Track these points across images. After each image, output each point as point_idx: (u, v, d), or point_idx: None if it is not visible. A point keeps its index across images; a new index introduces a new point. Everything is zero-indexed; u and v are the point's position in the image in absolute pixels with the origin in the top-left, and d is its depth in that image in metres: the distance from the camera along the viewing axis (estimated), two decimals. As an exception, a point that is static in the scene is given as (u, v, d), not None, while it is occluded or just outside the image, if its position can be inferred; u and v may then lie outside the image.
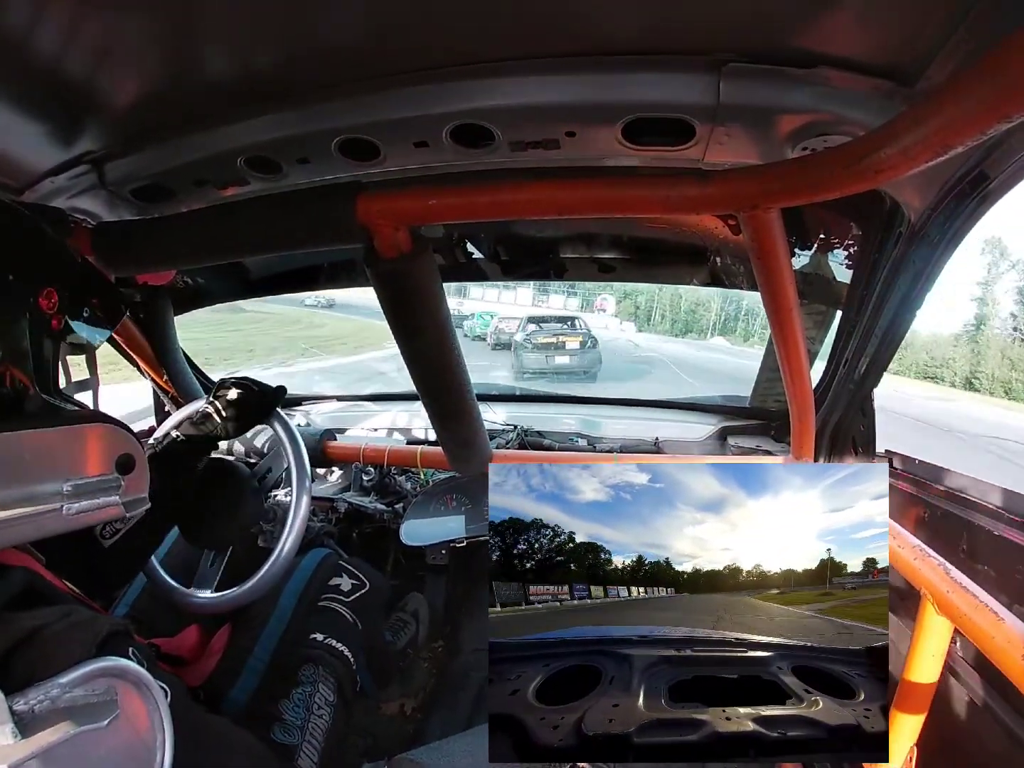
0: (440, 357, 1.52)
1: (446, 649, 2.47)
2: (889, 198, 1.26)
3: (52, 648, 0.74)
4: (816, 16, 0.83)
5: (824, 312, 1.91)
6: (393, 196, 1.19)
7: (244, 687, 1.44)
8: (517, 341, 17.87)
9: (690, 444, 2.38)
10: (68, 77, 1.00)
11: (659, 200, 1.07)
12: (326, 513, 2.28)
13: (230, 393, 1.60)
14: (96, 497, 0.97)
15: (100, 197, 1.40)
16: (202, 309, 2.45)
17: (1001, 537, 1.22)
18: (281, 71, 1.05)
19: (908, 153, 0.80)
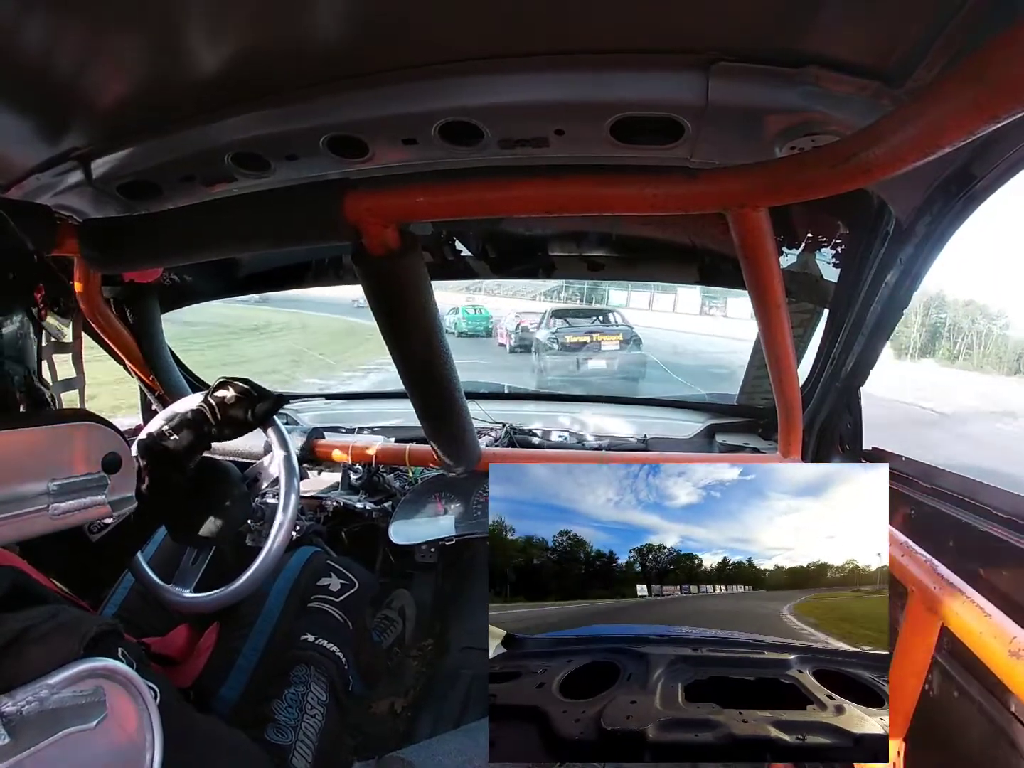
0: (428, 355, 1.52)
1: (435, 648, 2.47)
2: (876, 197, 1.27)
3: (40, 649, 0.74)
4: (805, 16, 0.83)
5: (811, 310, 1.92)
6: (381, 194, 1.19)
7: (234, 686, 1.43)
8: (539, 340, 15.24)
9: (678, 442, 2.39)
10: (53, 73, 0.99)
11: (648, 199, 1.07)
12: (314, 512, 2.27)
13: (228, 396, 1.55)
14: (82, 496, 0.96)
15: (86, 194, 1.39)
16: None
17: (988, 534, 1.23)
18: (268, 68, 1.04)
19: (895, 153, 0.80)
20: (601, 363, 13.94)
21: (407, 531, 1.99)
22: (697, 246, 1.96)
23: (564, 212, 1.15)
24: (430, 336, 1.48)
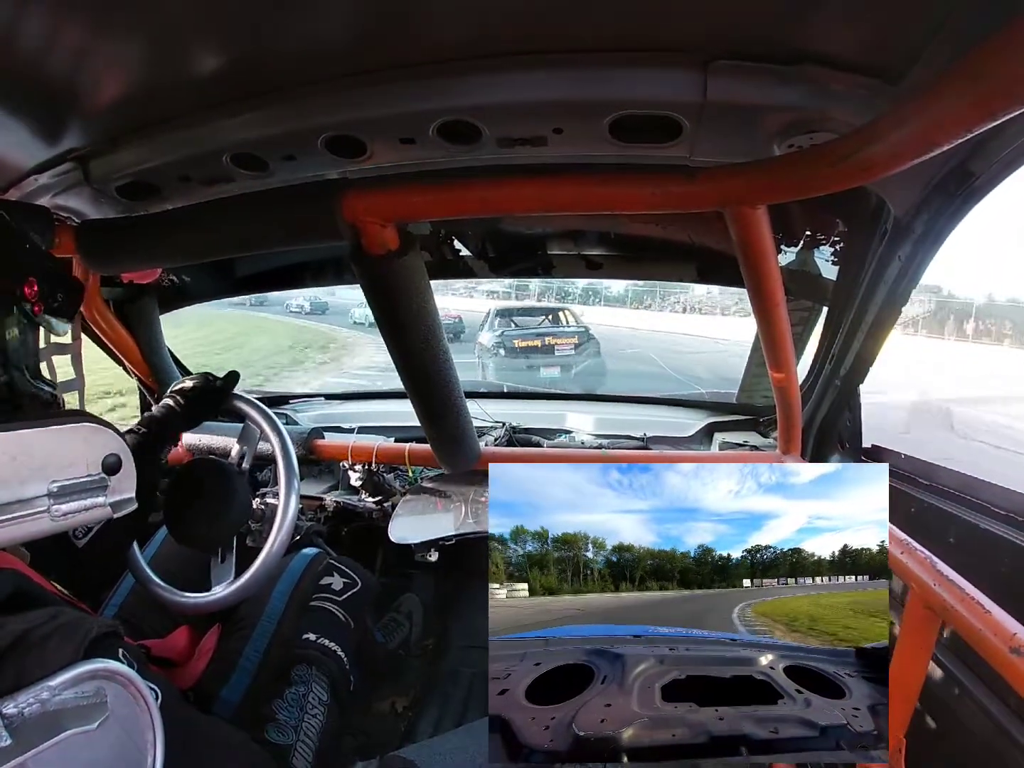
0: (428, 354, 1.52)
1: (436, 647, 2.47)
2: (875, 195, 1.27)
3: (41, 651, 0.74)
4: (803, 14, 0.83)
5: (810, 308, 1.92)
6: (380, 193, 1.19)
7: (235, 687, 1.44)
8: (482, 345, 13.02)
9: (678, 440, 2.39)
10: (51, 74, 0.99)
11: (646, 197, 1.07)
12: (315, 512, 2.27)
13: (186, 385, 1.62)
14: (83, 498, 0.97)
15: (85, 194, 1.39)
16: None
17: (988, 531, 1.23)
18: (266, 68, 1.04)
19: (894, 151, 0.81)
20: (555, 370, 12.28)
21: (407, 530, 1.99)
22: (696, 244, 1.96)
23: (563, 211, 1.15)
24: (429, 335, 1.48)
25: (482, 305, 22.77)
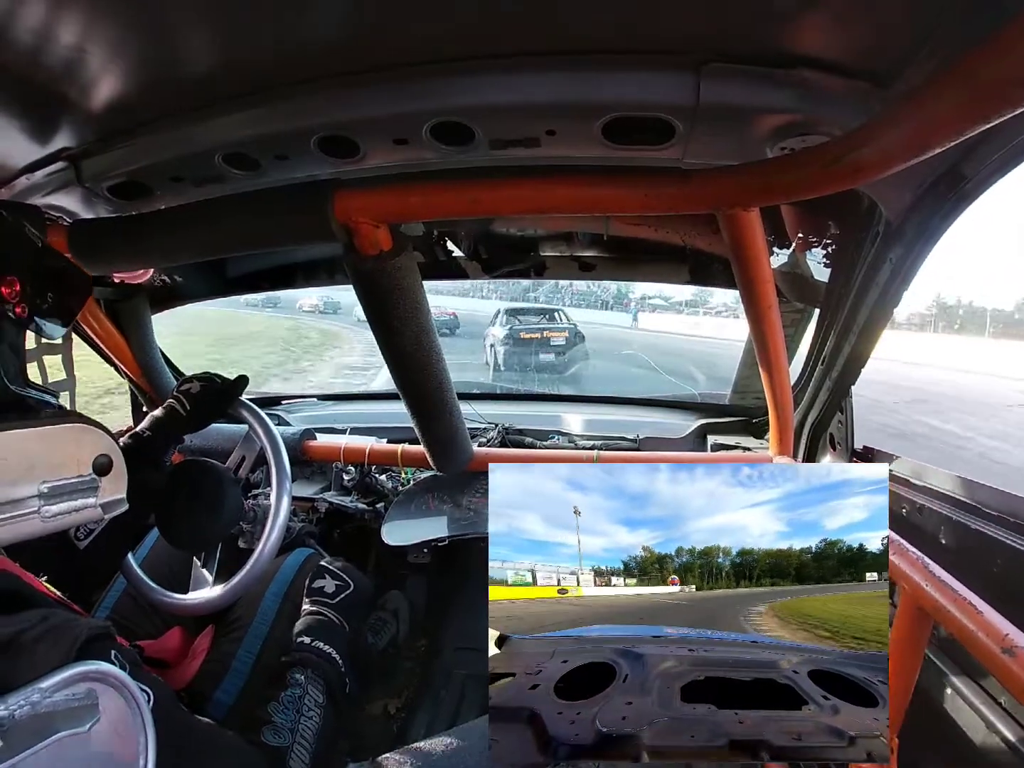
0: (420, 355, 1.52)
1: (429, 648, 2.47)
2: (867, 197, 1.27)
3: (31, 653, 0.74)
4: (795, 17, 0.83)
5: (802, 310, 1.93)
6: (372, 193, 1.18)
7: (229, 689, 1.43)
8: (496, 336, 16.36)
9: (670, 442, 2.40)
10: (43, 73, 0.98)
11: (639, 199, 1.07)
12: (307, 513, 2.26)
13: (192, 387, 1.61)
14: (73, 499, 0.96)
15: (76, 194, 1.38)
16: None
17: (980, 532, 1.24)
18: (259, 68, 1.04)
19: (886, 153, 0.81)
20: (551, 356, 15.79)
21: (400, 532, 1.99)
22: (688, 246, 1.97)
23: (556, 212, 1.15)
24: (422, 336, 1.48)
25: (482, 305, 27.09)
